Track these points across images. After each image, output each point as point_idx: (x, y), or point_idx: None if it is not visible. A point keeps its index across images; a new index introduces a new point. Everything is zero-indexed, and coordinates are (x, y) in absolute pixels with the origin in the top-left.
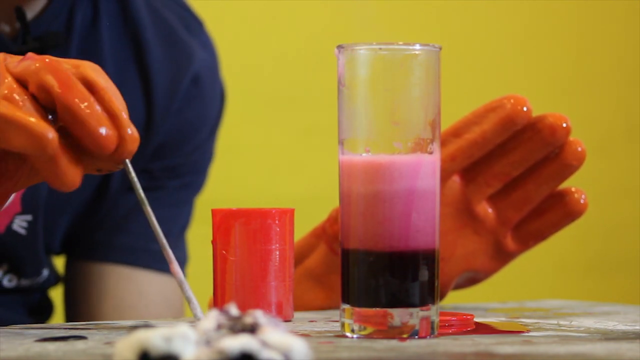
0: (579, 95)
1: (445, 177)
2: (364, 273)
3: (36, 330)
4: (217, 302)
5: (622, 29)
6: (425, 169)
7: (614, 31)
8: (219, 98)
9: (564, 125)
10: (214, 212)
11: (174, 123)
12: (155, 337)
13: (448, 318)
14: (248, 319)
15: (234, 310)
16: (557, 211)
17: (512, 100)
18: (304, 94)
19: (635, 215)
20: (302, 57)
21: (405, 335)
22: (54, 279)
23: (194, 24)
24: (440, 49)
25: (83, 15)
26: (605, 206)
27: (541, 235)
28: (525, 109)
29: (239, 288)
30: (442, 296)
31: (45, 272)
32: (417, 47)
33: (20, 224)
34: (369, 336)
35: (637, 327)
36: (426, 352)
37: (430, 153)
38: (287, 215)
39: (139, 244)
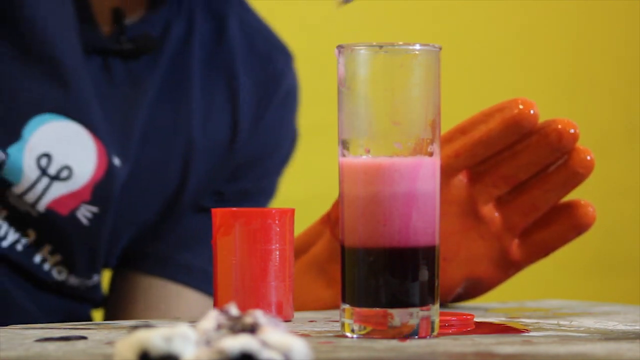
0: (579, 95)
1: (450, 174)
2: (364, 273)
3: (36, 331)
4: (217, 302)
5: (622, 28)
6: (424, 171)
7: (614, 31)
8: (293, 130)
9: (572, 131)
10: (214, 212)
11: (252, 146)
12: (155, 337)
13: (448, 318)
14: (248, 319)
15: (234, 310)
16: (564, 222)
17: (520, 102)
18: (304, 93)
19: (635, 215)
20: (302, 57)
21: (405, 335)
22: (100, 296)
23: (285, 55)
24: (440, 49)
25: (178, 29)
26: (605, 206)
27: (548, 247)
28: (532, 112)
29: (239, 288)
30: (443, 301)
31: (96, 278)
32: (417, 47)
33: (84, 213)
34: (368, 336)
35: (637, 327)
36: (426, 352)
37: (431, 153)
38: (287, 215)
39: (197, 264)
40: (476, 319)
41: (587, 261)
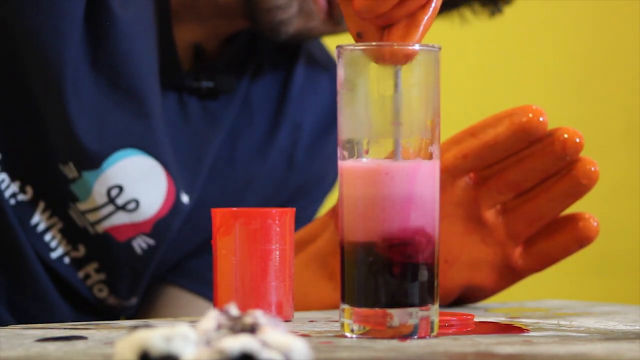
0: (579, 95)
1: (457, 174)
2: (363, 273)
3: (36, 331)
4: (217, 302)
5: (622, 29)
6: (422, 174)
7: (614, 31)
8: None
9: (577, 140)
10: (214, 212)
11: (303, 178)
12: (155, 337)
13: (448, 318)
14: (248, 319)
15: (234, 310)
16: (568, 234)
17: (530, 110)
18: None
19: (635, 215)
20: None
21: (404, 335)
22: (132, 314)
23: None
24: (440, 49)
25: (252, 68)
26: (605, 206)
27: (550, 258)
28: (541, 119)
29: (239, 288)
30: (442, 304)
31: (134, 301)
32: (417, 47)
33: (140, 243)
34: (367, 335)
35: (637, 327)
36: (426, 352)
37: (430, 154)
38: (287, 215)
39: None
40: (476, 319)
41: (587, 261)
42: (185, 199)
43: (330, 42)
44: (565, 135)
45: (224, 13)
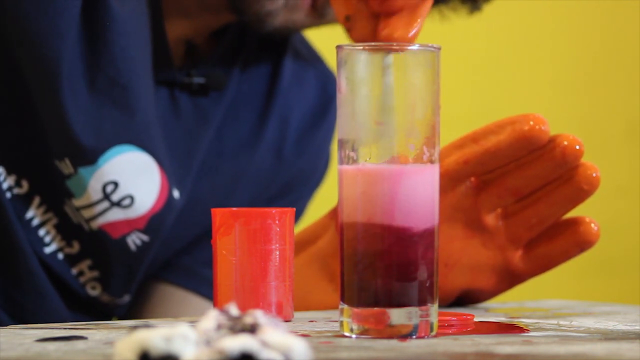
0: (579, 94)
1: (458, 179)
2: (362, 273)
3: (36, 331)
4: (217, 302)
5: (622, 28)
6: (423, 178)
7: (614, 31)
8: (328, 154)
9: (577, 147)
10: (214, 212)
11: (292, 173)
12: (155, 337)
13: (448, 318)
14: (248, 319)
15: (234, 310)
16: (568, 239)
17: (531, 118)
18: None
19: (635, 215)
20: None
21: (403, 335)
22: (123, 312)
23: (332, 83)
24: (440, 49)
25: (241, 64)
26: (604, 206)
27: (550, 262)
28: (542, 128)
29: (239, 288)
30: (442, 305)
31: (127, 298)
32: (416, 47)
33: (134, 240)
34: (366, 335)
35: (637, 327)
36: (426, 352)
37: (429, 157)
38: (287, 215)
39: None
40: (476, 319)
41: (587, 261)
42: (176, 194)
43: (322, 39)
44: (565, 143)
45: (210, 7)
